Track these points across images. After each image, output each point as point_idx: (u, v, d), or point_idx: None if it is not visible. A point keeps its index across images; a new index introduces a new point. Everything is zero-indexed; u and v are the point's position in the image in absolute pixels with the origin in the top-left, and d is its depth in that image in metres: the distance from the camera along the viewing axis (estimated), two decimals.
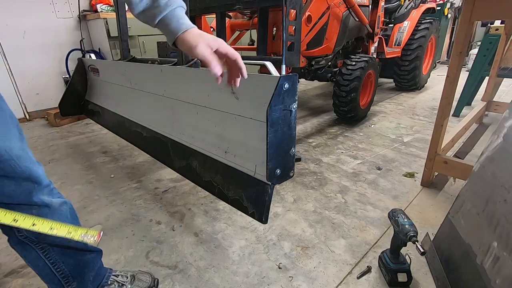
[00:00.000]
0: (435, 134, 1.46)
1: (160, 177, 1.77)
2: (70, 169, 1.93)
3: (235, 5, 1.70)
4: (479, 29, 5.16)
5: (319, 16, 2.06)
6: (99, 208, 1.50)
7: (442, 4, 4.75)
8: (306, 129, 2.52)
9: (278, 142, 0.74)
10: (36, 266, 0.78)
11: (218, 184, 0.95)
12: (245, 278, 1.06)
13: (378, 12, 2.75)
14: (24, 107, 3.02)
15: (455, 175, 1.50)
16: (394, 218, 1.00)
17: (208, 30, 2.23)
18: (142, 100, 1.34)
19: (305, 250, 1.18)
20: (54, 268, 0.79)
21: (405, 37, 3.26)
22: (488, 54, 2.42)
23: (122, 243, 1.25)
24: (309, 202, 1.48)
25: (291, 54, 1.59)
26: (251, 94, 0.79)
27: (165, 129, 1.22)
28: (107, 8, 3.02)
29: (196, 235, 1.28)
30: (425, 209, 1.39)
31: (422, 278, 1.03)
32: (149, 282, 1.00)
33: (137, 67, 1.38)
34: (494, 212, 0.83)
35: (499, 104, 2.46)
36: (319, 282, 1.03)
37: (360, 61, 2.31)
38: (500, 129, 0.97)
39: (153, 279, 1.02)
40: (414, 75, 3.41)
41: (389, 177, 1.69)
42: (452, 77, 1.34)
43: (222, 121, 0.91)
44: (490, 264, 0.77)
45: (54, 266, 0.79)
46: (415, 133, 2.35)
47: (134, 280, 0.98)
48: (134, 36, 2.99)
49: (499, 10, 1.14)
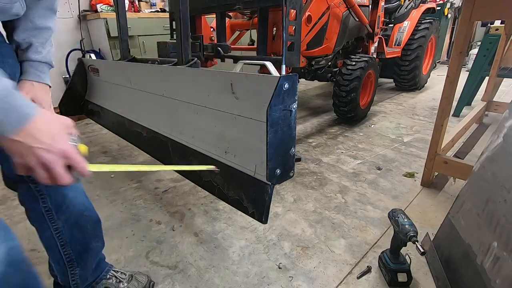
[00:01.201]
0: (435, 134, 1.46)
1: (160, 177, 1.77)
2: None
3: (235, 5, 1.70)
4: (479, 29, 5.16)
5: (319, 16, 2.06)
6: (99, 208, 1.50)
7: (442, 4, 4.75)
8: (306, 129, 2.52)
9: (278, 142, 0.74)
10: (49, 245, 0.84)
11: (218, 184, 0.95)
12: (245, 278, 1.06)
13: (378, 12, 2.75)
14: None
15: (455, 175, 1.50)
16: (394, 218, 1.00)
17: (208, 30, 2.23)
18: (142, 100, 1.34)
19: (305, 250, 1.18)
20: (62, 251, 0.84)
21: (405, 37, 3.26)
22: (488, 54, 2.42)
23: (122, 243, 1.25)
24: (309, 202, 1.48)
25: (291, 54, 1.59)
26: (251, 94, 0.78)
27: (165, 129, 1.22)
28: (107, 8, 3.02)
29: (196, 235, 1.28)
30: (425, 209, 1.39)
31: (422, 278, 1.03)
32: (144, 283, 1.02)
33: (137, 67, 1.38)
34: (494, 212, 0.83)
35: (499, 104, 2.46)
36: (319, 282, 1.03)
37: (360, 61, 2.31)
38: (500, 129, 0.97)
39: (149, 282, 1.03)
40: (414, 75, 3.42)
41: (389, 177, 1.69)
42: (452, 77, 1.34)
43: (222, 121, 0.91)
44: (490, 264, 0.77)
45: (63, 249, 0.83)
46: (415, 133, 2.35)
47: (132, 279, 1.00)
48: (134, 36, 2.98)
49: (499, 10, 1.14)
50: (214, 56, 1.90)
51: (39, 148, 0.46)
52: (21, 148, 0.46)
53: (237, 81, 0.81)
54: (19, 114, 0.45)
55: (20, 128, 0.45)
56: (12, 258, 0.54)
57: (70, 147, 0.50)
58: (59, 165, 0.48)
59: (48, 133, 0.48)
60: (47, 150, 0.47)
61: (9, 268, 0.53)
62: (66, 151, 0.49)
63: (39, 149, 0.46)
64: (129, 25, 1.74)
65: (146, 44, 3.09)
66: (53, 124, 0.49)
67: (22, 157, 0.47)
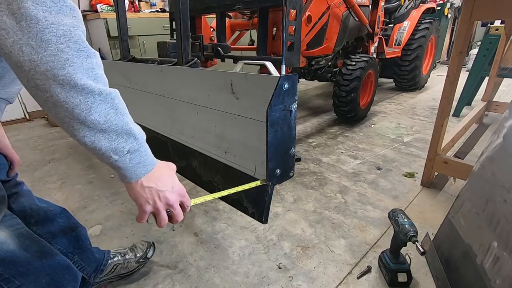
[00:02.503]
0: (435, 134, 1.46)
1: None
2: (70, 169, 1.93)
3: (235, 5, 1.70)
4: (479, 29, 5.16)
5: (319, 16, 2.06)
6: (99, 208, 1.50)
7: (442, 4, 4.75)
8: (306, 129, 2.52)
9: (278, 142, 0.74)
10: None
11: (218, 184, 0.95)
12: (245, 278, 1.06)
13: (378, 12, 2.75)
14: (24, 107, 3.02)
15: (455, 175, 1.50)
16: (394, 218, 1.00)
17: (208, 30, 2.22)
18: (142, 100, 1.34)
19: (305, 250, 1.18)
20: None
21: (405, 37, 3.26)
22: (488, 54, 2.42)
23: (122, 243, 1.25)
24: (309, 202, 1.48)
25: (291, 54, 1.59)
26: (251, 94, 0.78)
27: (165, 129, 1.22)
28: (107, 8, 3.02)
29: (196, 235, 1.28)
30: (425, 209, 1.39)
31: (422, 278, 1.03)
32: (146, 245, 1.12)
33: (137, 67, 1.38)
34: (494, 212, 0.83)
35: (499, 104, 2.46)
36: (319, 282, 1.03)
37: (360, 61, 2.31)
38: (500, 129, 0.97)
39: (150, 243, 1.13)
40: (414, 75, 3.41)
41: (389, 177, 1.69)
42: (452, 77, 1.34)
43: (222, 121, 0.91)
44: (490, 264, 0.77)
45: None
46: (415, 133, 2.35)
47: (135, 248, 1.10)
48: (134, 36, 2.99)
49: (499, 10, 1.14)
50: (214, 56, 1.90)
51: (166, 191, 0.51)
52: (151, 193, 0.50)
53: (237, 81, 0.81)
54: (151, 160, 0.51)
55: (150, 173, 0.50)
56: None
57: (183, 187, 0.56)
58: (178, 205, 0.54)
59: (168, 176, 0.53)
60: (171, 192, 0.52)
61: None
62: (182, 190, 0.55)
63: (166, 192, 0.51)
64: (129, 25, 1.74)
65: (146, 44, 3.09)
66: (166, 167, 0.55)
67: (151, 202, 0.50)
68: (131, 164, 0.48)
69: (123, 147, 0.46)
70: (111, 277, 1.02)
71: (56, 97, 0.40)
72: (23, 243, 0.65)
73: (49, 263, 0.70)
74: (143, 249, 1.10)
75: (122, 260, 1.04)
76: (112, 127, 0.45)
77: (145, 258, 1.09)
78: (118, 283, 1.05)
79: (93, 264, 0.95)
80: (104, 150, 0.45)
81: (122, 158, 0.47)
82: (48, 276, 0.69)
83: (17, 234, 0.66)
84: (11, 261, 0.62)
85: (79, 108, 0.42)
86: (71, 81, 0.40)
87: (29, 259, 0.65)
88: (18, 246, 0.64)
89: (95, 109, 0.43)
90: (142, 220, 0.52)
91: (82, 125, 0.43)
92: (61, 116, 0.42)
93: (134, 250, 1.09)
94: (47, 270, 0.69)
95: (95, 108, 0.43)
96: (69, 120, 0.42)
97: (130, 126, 0.48)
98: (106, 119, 0.44)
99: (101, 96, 0.43)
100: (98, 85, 0.43)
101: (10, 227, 0.65)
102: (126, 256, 1.06)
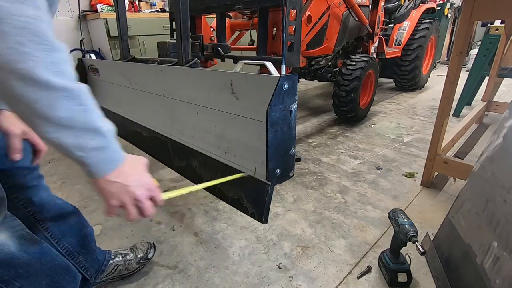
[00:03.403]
0: (435, 134, 1.46)
1: (160, 177, 1.77)
2: (70, 169, 1.93)
3: (235, 5, 1.70)
4: (479, 29, 5.16)
5: (319, 16, 2.06)
6: (99, 208, 1.50)
7: (442, 4, 4.75)
8: (306, 129, 2.52)
9: (278, 142, 0.74)
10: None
11: (218, 184, 0.95)
12: (245, 278, 1.06)
13: (378, 12, 2.75)
14: None
15: (455, 175, 1.50)
16: (394, 218, 1.00)
17: (208, 30, 2.22)
18: (142, 100, 1.34)
19: (305, 250, 1.18)
20: (58, 246, 0.86)
21: (405, 37, 3.26)
22: (488, 54, 2.42)
23: (122, 243, 1.25)
24: (309, 202, 1.48)
25: (291, 54, 1.59)
26: (251, 94, 0.78)
27: (165, 129, 1.22)
28: (107, 8, 3.02)
29: (196, 235, 1.28)
30: (425, 209, 1.39)
31: (422, 278, 1.03)
32: (147, 245, 1.12)
33: (137, 67, 1.38)
34: (494, 212, 0.83)
35: (499, 104, 2.46)
36: (319, 282, 1.03)
37: (360, 61, 2.31)
38: (500, 129, 0.97)
39: (150, 243, 1.14)
40: (414, 75, 3.41)
41: (389, 177, 1.69)
42: (452, 77, 1.34)
43: (222, 121, 0.91)
44: (490, 264, 0.77)
45: (58, 244, 0.86)
46: (415, 133, 2.35)
47: (135, 248, 1.10)
48: (134, 36, 2.99)
49: (499, 10, 1.14)
50: (214, 56, 1.90)
51: (133, 186, 0.51)
52: (117, 188, 0.50)
53: (237, 81, 0.81)
54: (119, 155, 0.50)
55: (118, 168, 0.50)
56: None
57: (152, 181, 0.55)
58: (147, 199, 0.53)
59: (137, 171, 0.53)
60: (138, 186, 0.52)
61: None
62: (150, 184, 0.54)
63: (132, 187, 0.51)
64: (129, 25, 1.74)
65: (146, 44, 3.09)
66: (135, 162, 0.54)
67: (117, 197, 0.50)
68: (97, 161, 0.47)
69: (89, 144, 0.45)
70: (112, 277, 1.02)
71: (16, 92, 0.39)
72: (23, 244, 0.66)
73: (49, 265, 0.70)
74: (143, 250, 1.10)
75: (123, 260, 1.04)
76: (78, 124, 0.44)
77: (146, 259, 1.09)
78: (118, 283, 1.05)
79: (96, 265, 0.96)
80: (69, 147, 0.44)
81: (88, 155, 0.46)
82: (48, 277, 0.69)
83: (18, 235, 0.66)
84: (11, 263, 0.62)
85: (40, 104, 0.40)
86: (32, 76, 0.38)
87: (29, 260, 0.66)
88: (19, 248, 0.64)
89: (58, 105, 0.41)
90: (109, 214, 0.52)
91: (44, 121, 0.41)
92: (21, 111, 0.41)
93: (135, 250, 1.09)
94: (47, 272, 0.69)
95: (58, 104, 0.41)
96: (30, 115, 0.41)
97: (97, 123, 0.46)
98: (70, 116, 0.43)
99: (65, 92, 0.42)
100: (62, 81, 0.41)
101: (10, 228, 0.66)
102: (127, 256, 1.06)
